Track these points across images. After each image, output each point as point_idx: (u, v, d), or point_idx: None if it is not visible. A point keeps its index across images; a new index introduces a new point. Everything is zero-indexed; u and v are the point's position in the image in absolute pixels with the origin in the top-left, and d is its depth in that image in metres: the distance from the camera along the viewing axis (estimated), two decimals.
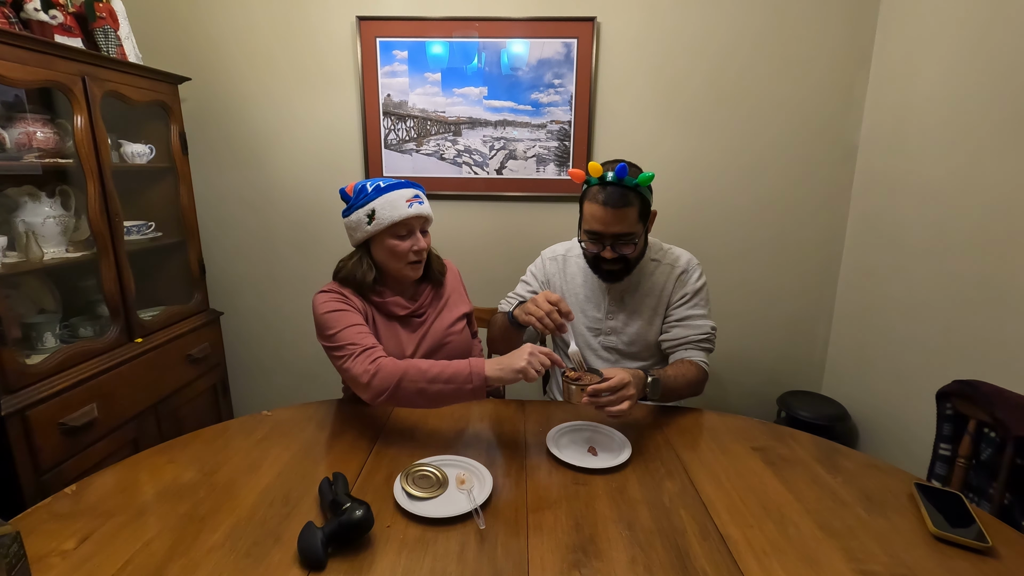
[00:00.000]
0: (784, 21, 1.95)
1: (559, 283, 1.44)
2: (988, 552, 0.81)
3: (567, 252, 1.47)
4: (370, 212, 1.20)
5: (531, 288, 1.46)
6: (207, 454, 1.06)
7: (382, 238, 1.22)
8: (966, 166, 1.55)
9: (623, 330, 1.37)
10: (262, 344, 2.29)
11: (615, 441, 1.11)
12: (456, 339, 1.37)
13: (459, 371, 1.06)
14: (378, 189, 1.22)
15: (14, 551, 0.67)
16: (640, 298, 1.36)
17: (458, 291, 1.45)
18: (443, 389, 1.06)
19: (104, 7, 1.60)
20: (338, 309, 1.20)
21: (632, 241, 1.24)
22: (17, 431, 1.23)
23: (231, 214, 2.17)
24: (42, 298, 1.55)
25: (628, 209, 1.20)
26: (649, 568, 0.77)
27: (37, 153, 1.42)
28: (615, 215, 1.20)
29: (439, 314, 1.36)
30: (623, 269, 1.29)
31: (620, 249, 1.24)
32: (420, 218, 1.23)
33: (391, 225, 1.20)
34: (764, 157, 2.07)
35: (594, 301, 1.39)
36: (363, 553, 0.79)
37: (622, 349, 1.38)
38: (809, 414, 1.97)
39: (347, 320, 1.18)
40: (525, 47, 1.98)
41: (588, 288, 1.40)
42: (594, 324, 1.40)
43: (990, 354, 1.47)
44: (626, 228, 1.22)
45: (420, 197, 1.25)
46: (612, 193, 1.19)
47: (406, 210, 1.19)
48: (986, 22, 1.50)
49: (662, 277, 1.36)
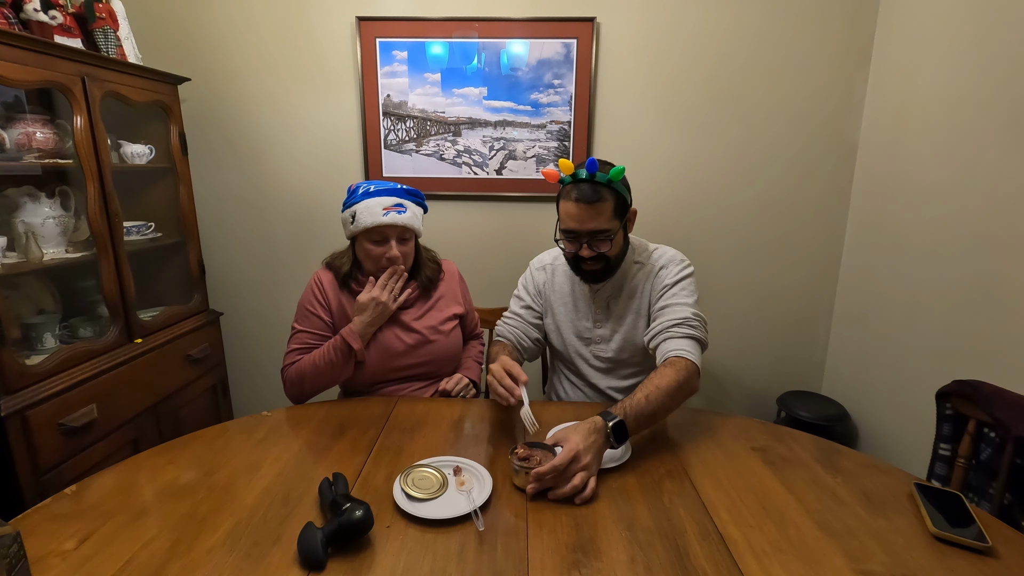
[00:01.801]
0: (784, 21, 1.95)
1: (548, 293, 1.42)
2: (988, 552, 0.81)
3: (554, 261, 1.44)
4: (353, 214, 1.28)
5: (524, 303, 1.43)
6: (207, 455, 1.06)
7: (361, 239, 1.32)
8: (966, 166, 1.55)
9: (611, 338, 1.35)
10: (262, 344, 2.29)
11: None
12: (442, 339, 1.38)
13: (332, 345, 1.28)
14: (366, 193, 1.29)
15: (14, 552, 0.67)
16: (624, 303, 1.34)
17: (452, 292, 1.45)
18: (327, 366, 1.28)
19: (104, 8, 1.60)
20: (306, 306, 1.35)
21: (608, 238, 1.21)
22: (17, 432, 1.23)
23: (231, 214, 2.17)
24: (42, 299, 1.55)
25: (601, 204, 1.19)
26: (649, 568, 0.77)
27: (37, 154, 1.42)
28: (588, 211, 1.19)
29: (424, 313, 1.39)
30: (604, 269, 1.26)
31: (597, 247, 1.22)
32: (396, 228, 1.29)
33: (365, 230, 1.28)
34: (764, 157, 2.07)
35: (582, 311, 1.38)
36: (363, 554, 0.79)
37: (613, 357, 1.36)
38: (809, 414, 1.97)
39: (305, 323, 1.35)
40: (525, 47, 1.98)
41: (575, 298, 1.39)
42: (584, 334, 1.38)
43: (990, 354, 1.47)
44: (601, 224, 1.20)
45: (403, 207, 1.28)
46: (584, 189, 1.18)
47: (380, 218, 1.26)
48: (986, 22, 1.50)
49: (643, 279, 1.33)
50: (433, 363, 1.38)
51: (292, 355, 1.33)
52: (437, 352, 1.37)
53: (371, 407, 1.27)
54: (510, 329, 1.42)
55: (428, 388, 1.39)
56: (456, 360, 1.44)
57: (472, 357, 1.50)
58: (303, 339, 1.34)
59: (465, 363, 1.47)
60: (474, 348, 1.54)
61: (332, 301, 1.35)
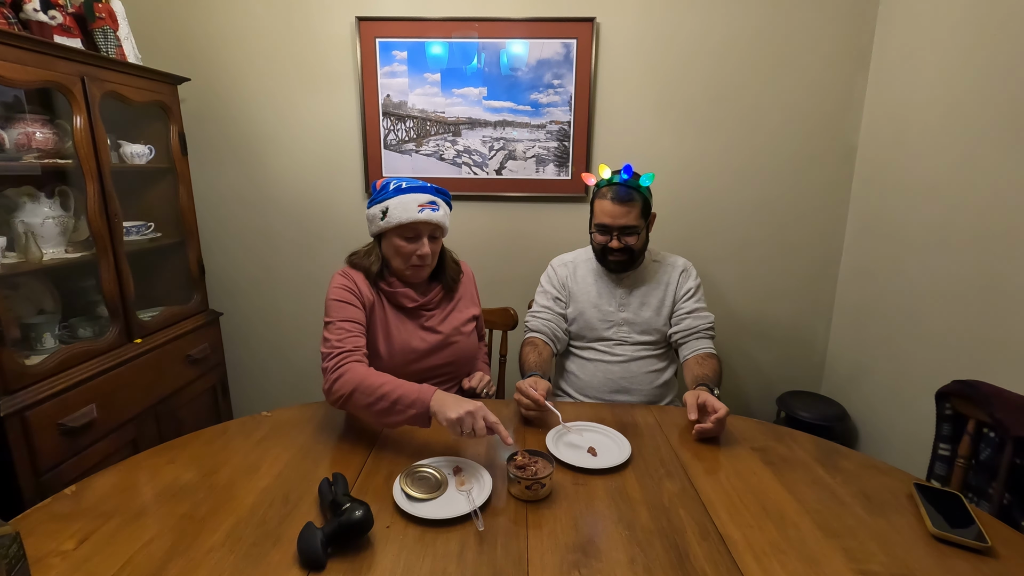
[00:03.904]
0: (783, 20, 1.95)
1: (572, 285, 1.59)
2: (987, 552, 0.81)
3: (575, 260, 1.63)
4: (384, 209, 1.25)
5: (552, 295, 1.59)
6: (207, 455, 1.06)
7: (391, 236, 1.27)
8: (965, 164, 1.55)
9: (634, 320, 1.53)
10: (262, 344, 2.29)
11: (615, 441, 1.11)
12: (463, 340, 1.38)
13: (407, 394, 1.06)
14: (398, 189, 1.26)
15: (14, 552, 0.67)
16: (648, 291, 1.55)
17: (470, 294, 1.47)
18: (386, 408, 1.05)
19: (103, 7, 1.60)
20: (341, 299, 1.24)
21: (635, 233, 1.45)
22: (16, 432, 1.23)
23: (231, 214, 2.17)
24: (41, 299, 1.55)
25: (633, 204, 1.42)
26: (649, 568, 0.77)
27: (36, 154, 1.42)
28: (622, 209, 1.41)
29: (448, 314, 1.38)
30: (628, 260, 1.48)
31: (625, 240, 1.44)
32: (429, 224, 1.26)
33: (399, 226, 1.24)
34: (764, 156, 2.07)
35: (606, 297, 1.55)
36: (363, 554, 0.79)
37: (634, 336, 1.54)
38: (809, 414, 1.97)
39: (343, 313, 1.22)
40: (524, 47, 1.98)
41: (599, 287, 1.56)
42: (607, 317, 1.54)
43: (990, 353, 1.47)
44: (631, 221, 1.43)
45: (436, 204, 1.26)
46: (619, 191, 1.42)
47: (415, 214, 1.23)
48: (985, 21, 1.50)
49: (665, 274, 1.56)
50: (454, 364, 1.37)
51: (334, 350, 1.15)
52: (459, 352, 1.37)
53: None
54: (544, 323, 1.55)
55: (448, 388, 1.38)
56: (473, 360, 1.45)
57: (481, 359, 1.51)
58: (343, 328, 1.19)
59: (478, 364, 1.48)
60: (481, 351, 1.54)
61: (367, 298, 1.27)
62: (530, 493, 0.92)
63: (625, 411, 1.28)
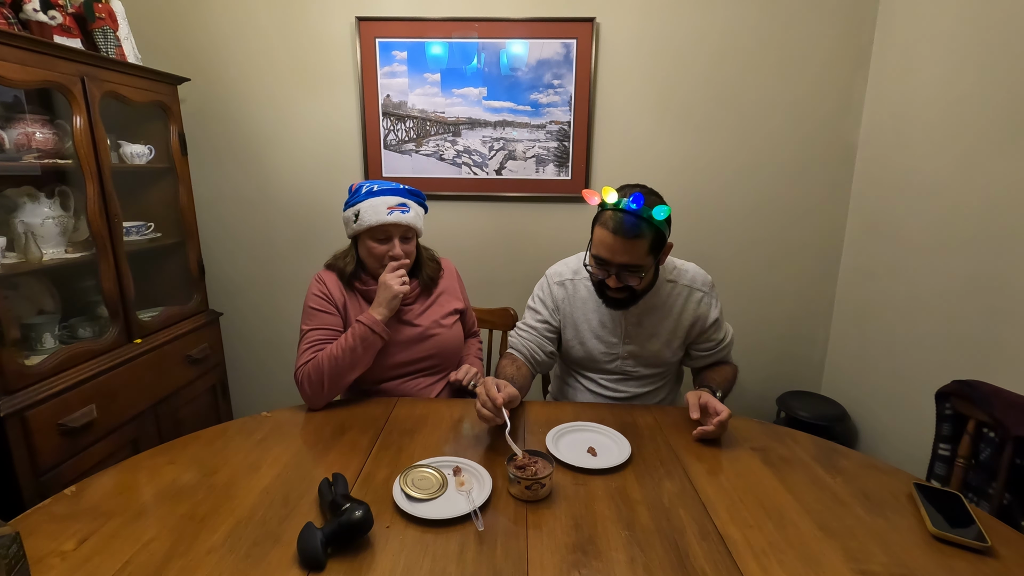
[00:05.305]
0: (783, 20, 1.95)
1: (568, 310, 1.37)
2: (987, 552, 0.81)
3: (575, 275, 1.38)
4: (356, 212, 1.29)
5: (540, 318, 1.39)
6: (207, 455, 1.06)
7: (364, 238, 1.31)
8: (965, 164, 1.55)
9: (640, 353, 1.35)
10: (262, 344, 2.29)
11: (614, 441, 1.11)
12: (445, 333, 1.39)
13: (351, 335, 1.24)
14: (369, 192, 1.30)
15: (13, 552, 0.67)
16: (658, 320, 1.32)
17: (452, 289, 1.47)
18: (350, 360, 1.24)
19: (103, 8, 1.60)
20: (313, 307, 1.32)
21: (639, 273, 1.18)
22: (16, 432, 1.23)
23: (231, 214, 2.17)
24: (41, 299, 1.55)
25: (638, 241, 1.14)
26: (648, 568, 0.77)
27: (36, 154, 1.42)
28: (624, 245, 1.14)
29: (427, 308, 1.40)
30: (628, 299, 1.24)
31: (625, 279, 1.18)
32: (399, 226, 1.30)
33: (369, 228, 1.28)
34: (764, 156, 2.07)
35: (609, 327, 1.34)
36: (363, 554, 0.79)
37: (639, 371, 1.37)
38: (808, 414, 1.97)
39: (315, 321, 1.31)
40: (524, 47, 1.98)
41: (602, 314, 1.34)
42: (610, 349, 1.36)
43: (990, 354, 1.47)
44: (634, 260, 1.16)
45: (406, 206, 1.30)
46: (624, 222, 1.12)
47: (385, 217, 1.27)
48: (985, 21, 1.50)
49: (680, 299, 1.33)
50: (438, 356, 1.39)
51: (305, 355, 1.27)
52: (441, 344, 1.38)
53: (371, 407, 1.27)
54: (523, 342, 1.39)
55: (435, 383, 1.39)
56: (459, 354, 1.46)
57: (473, 355, 1.51)
58: (315, 337, 1.29)
59: (468, 359, 1.48)
60: (473, 346, 1.54)
61: (339, 300, 1.34)
62: (530, 493, 0.92)
63: (625, 411, 1.28)
